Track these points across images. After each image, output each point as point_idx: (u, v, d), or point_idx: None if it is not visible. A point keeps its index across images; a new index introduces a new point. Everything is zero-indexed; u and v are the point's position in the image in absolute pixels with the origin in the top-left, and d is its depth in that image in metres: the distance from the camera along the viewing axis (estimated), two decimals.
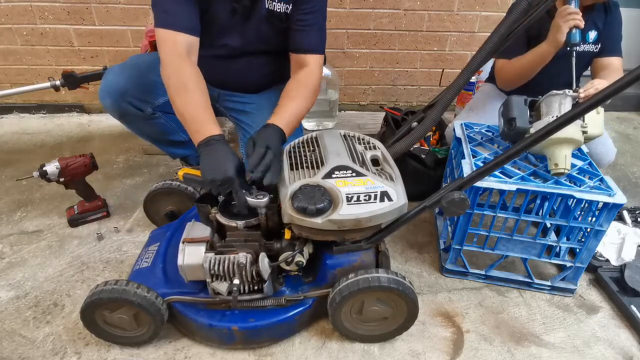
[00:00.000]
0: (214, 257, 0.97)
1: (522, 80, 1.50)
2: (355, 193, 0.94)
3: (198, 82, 1.08)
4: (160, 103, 1.34)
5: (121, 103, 1.26)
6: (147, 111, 1.32)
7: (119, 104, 1.27)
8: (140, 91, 1.29)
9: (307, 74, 1.24)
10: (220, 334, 1.03)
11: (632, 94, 2.72)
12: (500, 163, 0.93)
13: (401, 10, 2.19)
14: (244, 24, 1.24)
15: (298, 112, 1.18)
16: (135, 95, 1.27)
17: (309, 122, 1.96)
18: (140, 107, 1.30)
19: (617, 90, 0.71)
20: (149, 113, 1.33)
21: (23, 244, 1.41)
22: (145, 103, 1.31)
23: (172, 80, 1.06)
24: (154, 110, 1.34)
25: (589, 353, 1.12)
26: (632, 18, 2.38)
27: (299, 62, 1.25)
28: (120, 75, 1.27)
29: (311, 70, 1.24)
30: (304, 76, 1.23)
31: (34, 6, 2.04)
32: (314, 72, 1.24)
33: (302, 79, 1.23)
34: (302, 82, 1.22)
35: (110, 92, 1.25)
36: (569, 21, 1.27)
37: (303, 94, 1.20)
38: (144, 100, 1.31)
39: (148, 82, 1.30)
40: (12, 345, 1.07)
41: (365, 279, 0.98)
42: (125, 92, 1.25)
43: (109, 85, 1.25)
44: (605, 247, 1.40)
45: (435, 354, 1.09)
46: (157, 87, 1.29)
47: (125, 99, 1.26)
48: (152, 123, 1.38)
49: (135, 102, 1.28)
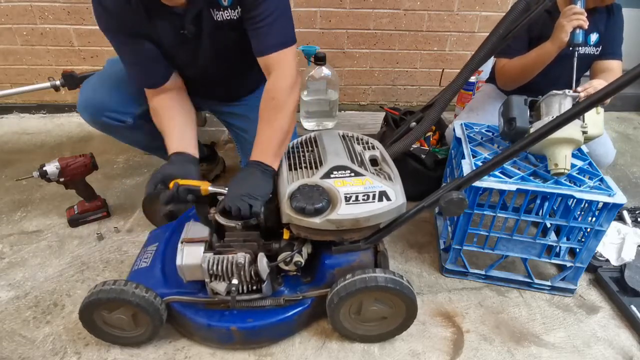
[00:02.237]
0: (213, 257, 0.97)
1: (522, 80, 1.49)
2: (353, 193, 0.94)
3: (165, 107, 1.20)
4: (141, 112, 1.30)
5: (100, 117, 1.26)
6: (128, 122, 1.31)
7: (98, 119, 1.27)
8: (119, 104, 1.27)
9: (274, 83, 1.11)
10: (219, 334, 1.03)
11: (632, 94, 2.71)
12: (498, 163, 0.93)
13: (401, 10, 2.19)
14: (198, 44, 1.18)
15: (279, 136, 1.07)
16: (113, 109, 1.27)
17: (309, 122, 1.96)
18: (121, 119, 1.29)
19: (615, 90, 0.71)
20: (130, 123, 1.31)
21: (23, 244, 1.41)
22: (125, 114, 1.29)
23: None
24: (134, 120, 1.32)
25: (589, 353, 1.11)
26: (632, 18, 2.37)
27: (265, 66, 1.14)
28: (98, 89, 1.27)
29: (279, 75, 1.11)
30: (272, 87, 1.10)
31: (34, 6, 2.04)
32: (283, 74, 1.11)
33: (271, 91, 1.10)
34: (272, 96, 1.09)
35: (87, 107, 1.26)
36: (573, 21, 1.26)
37: (277, 112, 1.08)
38: (123, 112, 1.29)
39: (126, 92, 1.27)
40: (12, 345, 1.07)
41: (362, 279, 0.97)
42: (102, 107, 1.26)
43: (86, 101, 1.26)
44: (605, 247, 1.39)
45: (435, 354, 1.09)
46: (135, 96, 1.26)
47: (103, 113, 1.26)
48: (136, 132, 1.37)
49: (114, 115, 1.28)
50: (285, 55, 1.12)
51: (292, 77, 1.12)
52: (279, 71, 1.11)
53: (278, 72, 1.11)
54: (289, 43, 1.13)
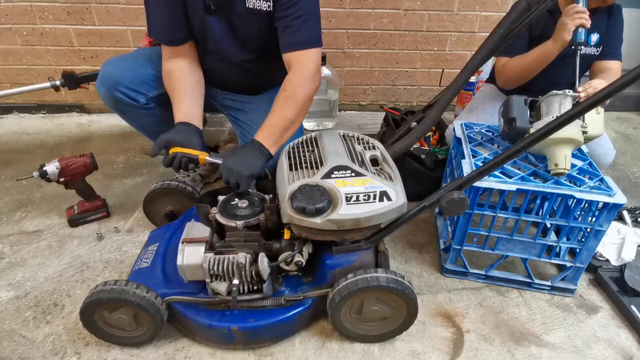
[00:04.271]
0: (214, 257, 0.97)
1: (523, 79, 1.49)
2: (354, 193, 0.94)
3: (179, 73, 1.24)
4: (154, 95, 1.36)
5: (114, 92, 1.30)
6: (141, 101, 1.34)
7: (112, 93, 1.30)
8: (134, 82, 1.31)
9: (291, 76, 1.17)
10: (219, 334, 1.03)
11: (632, 94, 2.72)
12: (499, 163, 0.93)
13: (401, 10, 2.19)
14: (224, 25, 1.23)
15: (284, 124, 1.14)
16: (128, 86, 1.30)
17: (309, 122, 1.96)
18: (134, 97, 1.32)
19: (616, 90, 0.71)
20: (143, 103, 1.34)
21: (23, 244, 1.41)
22: (138, 94, 1.33)
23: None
24: (147, 101, 1.35)
25: (589, 353, 1.12)
26: (633, 18, 2.38)
27: (288, 61, 1.20)
28: (116, 65, 1.32)
29: (297, 71, 1.17)
30: (288, 80, 1.17)
31: (34, 6, 2.04)
32: (301, 70, 1.17)
33: (286, 83, 1.17)
34: (285, 87, 1.16)
35: (104, 81, 1.30)
36: (576, 20, 1.26)
37: (285, 101, 1.15)
38: (137, 91, 1.33)
39: (143, 73, 1.33)
40: (12, 345, 1.07)
41: (364, 279, 0.97)
42: (118, 82, 1.29)
43: (105, 75, 1.31)
44: (605, 247, 1.39)
45: (435, 354, 1.09)
46: (152, 79, 1.34)
47: (118, 88, 1.29)
48: (147, 114, 1.39)
49: (128, 92, 1.31)
50: (308, 54, 1.18)
51: (310, 73, 1.17)
52: (299, 67, 1.17)
53: (297, 68, 1.17)
54: (316, 44, 1.19)
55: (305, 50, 1.18)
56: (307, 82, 1.17)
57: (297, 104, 1.15)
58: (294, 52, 1.18)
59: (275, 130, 1.13)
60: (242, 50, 1.31)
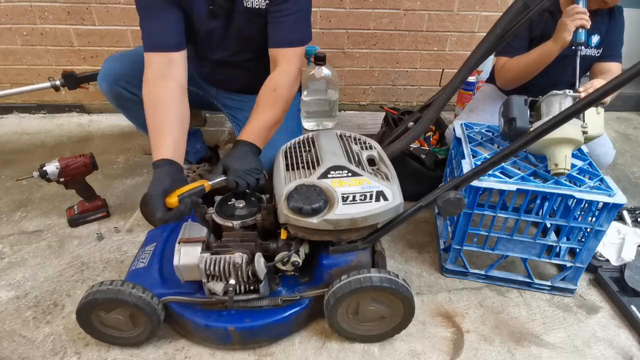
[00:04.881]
0: (210, 257, 0.96)
1: (523, 79, 1.49)
2: (351, 193, 0.94)
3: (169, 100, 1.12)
4: None
5: (115, 87, 1.30)
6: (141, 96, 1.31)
7: (113, 87, 1.30)
8: (135, 77, 1.29)
9: (279, 75, 1.18)
10: (216, 334, 1.03)
11: (632, 94, 2.70)
12: (496, 162, 0.92)
13: (401, 10, 2.19)
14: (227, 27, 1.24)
15: (271, 125, 1.15)
16: (129, 81, 1.31)
17: (309, 122, 1.95)
18: (134, 92, 1.32)
19: (614, 88, 0.71)
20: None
21: (23, 244, 1.41)
22: (139, 88, 1.28)
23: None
24: None
25: (589, 353, 1.11)
26: (633, 19, 2.36)
27: (274, 57, 1.21)
28: (118, 61, 1.33)
29: (284, 70, 1.18)
30: (276, 79, 1.18)
31: (34, 6, 2.04)
32: (289, 70, 1.18)
33: (274, 82, 1.18)
34: (274, 88, 1.17)
35: (106, 76, 1.31)
36: (576, 20, 1.26)
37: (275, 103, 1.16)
38: (138, 86, 1.28)
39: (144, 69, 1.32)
40: (12, 345, 1.07)
41: (357, 279, 0.97)
42: (120, 76, 1.30)
43: (106, 69, 1.32)
44: (605, 247, 1.39)
45: (435, 354, 1.09)
46: None
47: (119, 83, 1.30)
48: None
49: (129, 87, 1.32)
50: (296, 52, 1.20)
51: (295, 74, 1.20)
52: (286, 66, 1.19)
53: (284, 67, 1.18)
54: (304, 42, 1.22)
55: (295, 48, 1.20)
56: (294, 82, 1.20)
57: (284, 106, 1.18)
58: (284, 48, 1.19)
59: (264, 130, 1.14)
60: (243, 50, 1.32)
